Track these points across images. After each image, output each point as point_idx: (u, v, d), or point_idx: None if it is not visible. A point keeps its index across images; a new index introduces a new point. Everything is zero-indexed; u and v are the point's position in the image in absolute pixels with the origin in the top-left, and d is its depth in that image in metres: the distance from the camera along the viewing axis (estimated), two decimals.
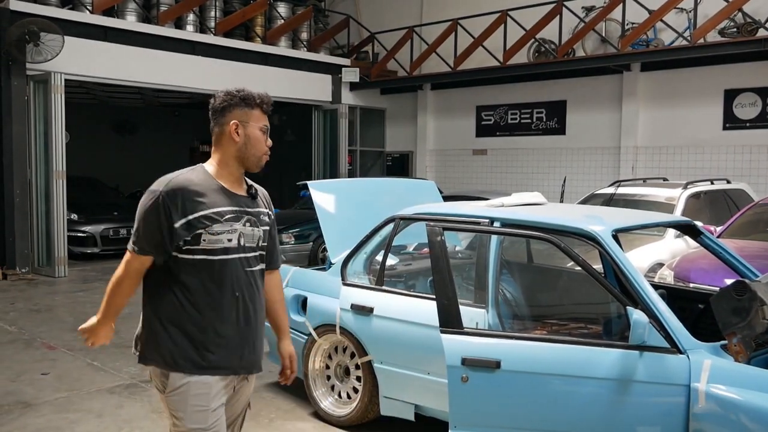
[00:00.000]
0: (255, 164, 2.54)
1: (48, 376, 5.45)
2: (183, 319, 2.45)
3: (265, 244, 2.63)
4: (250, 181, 2.63)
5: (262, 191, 2.67)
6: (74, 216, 11.39)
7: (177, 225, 2.38)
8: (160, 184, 2.43)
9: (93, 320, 2.58)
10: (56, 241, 10.06)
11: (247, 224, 2.52)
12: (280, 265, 2.85)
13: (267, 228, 2.63)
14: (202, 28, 12.58)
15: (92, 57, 10.56)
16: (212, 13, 12.79)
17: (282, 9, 14.05)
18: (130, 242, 2.47)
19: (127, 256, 2.49)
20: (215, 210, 2.43)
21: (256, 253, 2.57)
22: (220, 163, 2.52)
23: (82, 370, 5.62)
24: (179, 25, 12.27)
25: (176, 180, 2.43)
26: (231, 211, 2.47)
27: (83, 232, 11.58)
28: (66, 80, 10.18)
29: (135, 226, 2.46)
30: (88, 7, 10.82)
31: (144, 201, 2.43)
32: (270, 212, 2.69)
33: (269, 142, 2.57)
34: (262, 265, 2.63)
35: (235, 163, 2.52)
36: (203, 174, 2.50)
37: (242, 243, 2.50)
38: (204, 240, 2.41)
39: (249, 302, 2.53)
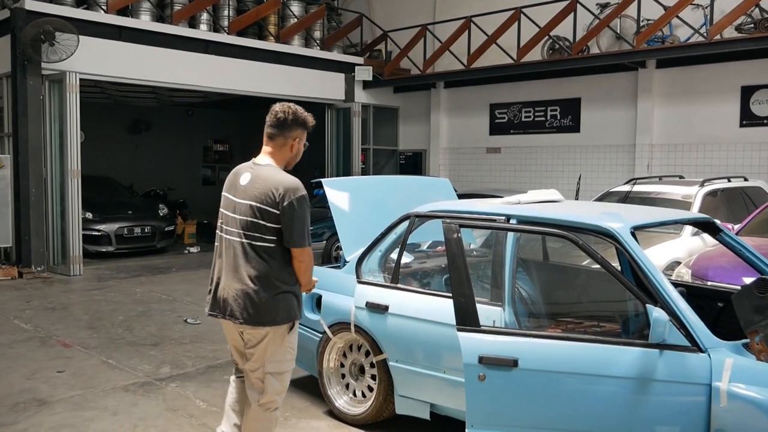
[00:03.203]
0: (292, 167, 3.46)
1: (63, 373, 5.47)
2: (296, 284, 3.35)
3: None
4: None
5: None
6: (89, 215, 11.46)
7: None
8: (302, 187, 3.26)
9: (309, 287, 3.43)
10: (71, 239, 10.13)
11: None
12: None
13: None
14: (215, 27, 12.61)
15: (107, 56, 10.62)
16: (225, 12, 12.81)
17: (295, 8, 14.06)
18: (306, 245, 3.25)
19: (309, 251, 3.29)
20: None
21: None
22: (279, 163, 3.37)
23: (97, 367, 5.64)
24: (193, 24, 12.31)
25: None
26: None
27: (98, 230, 11.64)
28: (81, 80, 10.24)
29: (304, 226, 3.23)
30: (102, 6, 10.89)
31: (305, 205, 3.23)
32: None
33: None
34: None
35: (284, 165, 3.39)
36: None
37: None
38: None
39: None
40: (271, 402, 3.38)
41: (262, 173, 3.26)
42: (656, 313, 2.91)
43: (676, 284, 3.94)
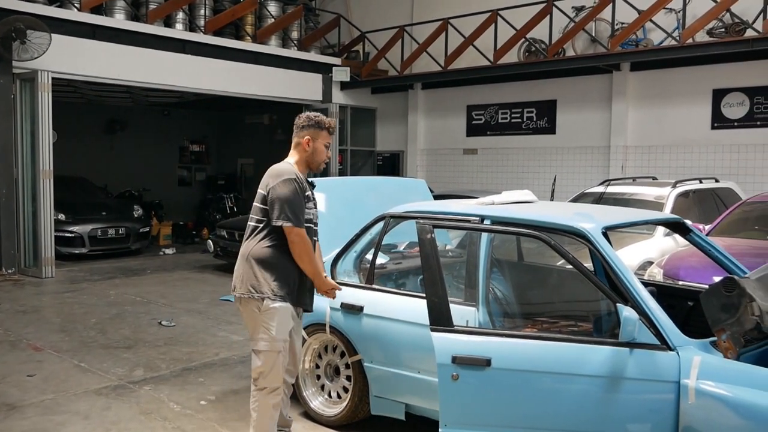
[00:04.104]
0: (316, 167, 3.80)
1: (34, 377, 5.38)
2: (293, 266, 3.63)
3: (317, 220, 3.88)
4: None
5: None
6: (62, 216, 11.29)
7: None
8: (291, 173, 3.58)
9: (318, 283, 3.72)
10: (43, 241, 9.97)
11: (311, 205, 3.76)
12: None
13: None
14: (191, 26, 12.51)
15: (80, 55, 10.48)
16: (202, 12, 12.72)
17: (272, 8, 14.00)
18: (290, 223, 3.51)
19: (297, 231, 3.55)
20: (307, 193, 3.71)
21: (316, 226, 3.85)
22: (297, 162, 3.74)
23: (68, 371, 5.56)
24: (168, 23, 12.20)
25: (295, 171, 3.63)
26: (310, 194, 3.75)
27: (71, 232, 11.48)
28: (54, 79, 10.09)
29: (285, 204, 3.51)
30: (76, 4, 10.74)
31: (289, 186, 3.53)
32: None
33: (329, 153, 3.83)
34: None
35: (304, 164, 3.76)
36: (295, 168, 3.68)
37: (312, 217, 3.77)
38: (308, 213, 3.69)
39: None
40: (255, 379, 3.68)
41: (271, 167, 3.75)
42: (626, 312, 2.95)
43: (646, 284, 3.99)
